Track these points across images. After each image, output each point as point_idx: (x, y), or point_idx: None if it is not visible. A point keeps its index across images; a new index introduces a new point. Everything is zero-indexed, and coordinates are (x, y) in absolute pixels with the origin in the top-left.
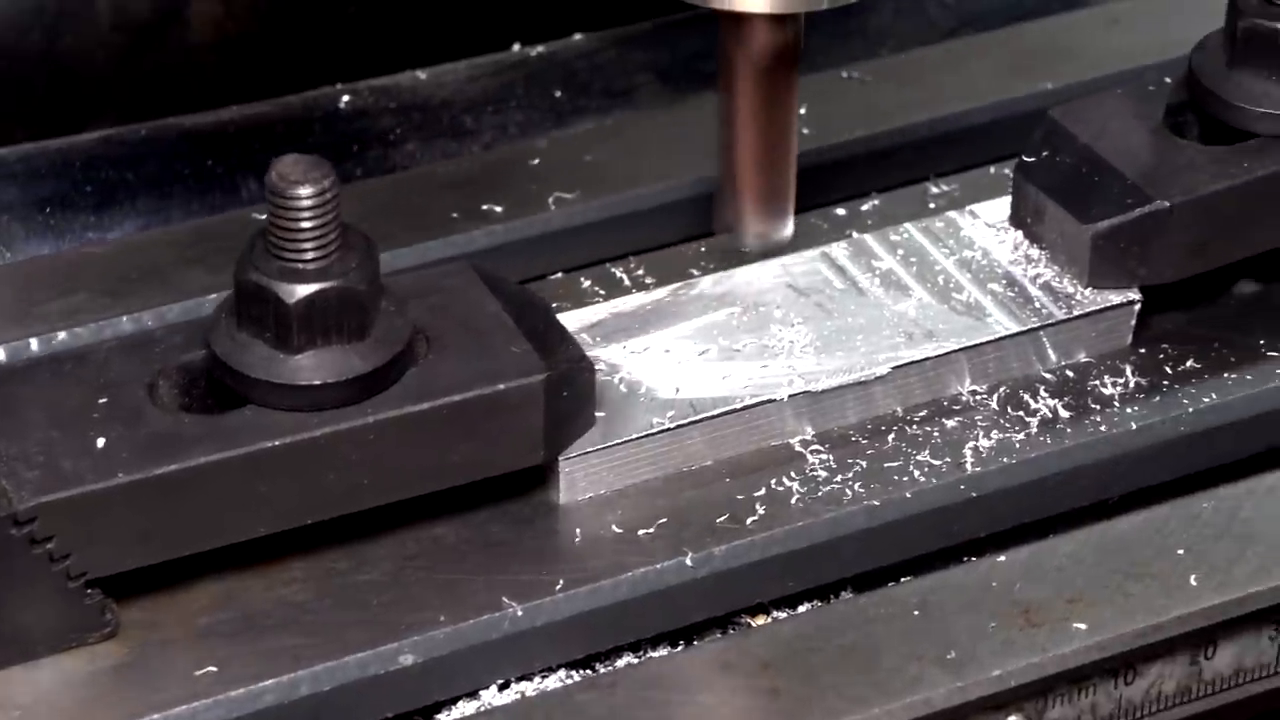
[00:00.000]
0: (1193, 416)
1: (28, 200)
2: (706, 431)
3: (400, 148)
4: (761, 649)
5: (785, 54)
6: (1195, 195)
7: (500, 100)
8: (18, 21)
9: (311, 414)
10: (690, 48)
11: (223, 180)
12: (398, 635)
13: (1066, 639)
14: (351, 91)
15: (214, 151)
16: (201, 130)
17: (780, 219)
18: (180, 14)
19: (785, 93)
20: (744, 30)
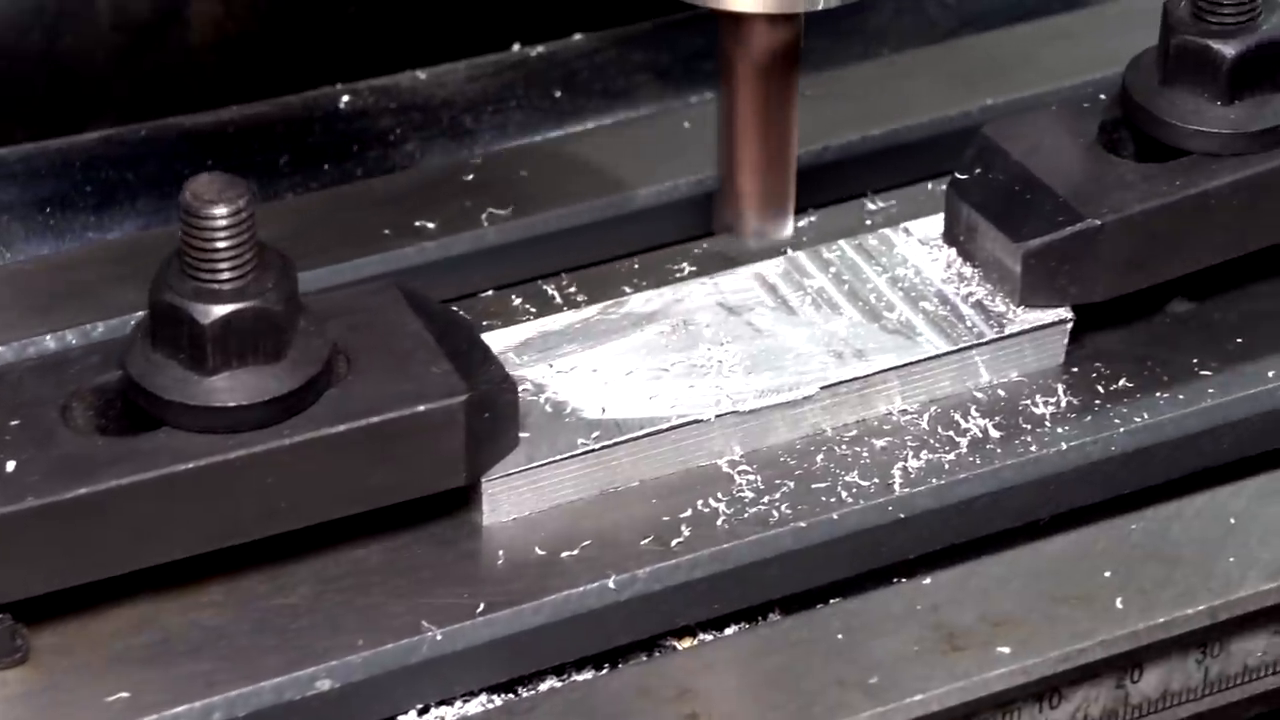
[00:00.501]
0: (1124, 437)
1: (27, 200)
2: (632, 452)
3: (400, 148)
4: (682, 673)
5: (785, 54)
6: (1126, 213)
7: (500, 100)
8: (18, 21)
9: (227, 436)
10: (690, 47)
11: None
12: (315, 660)
13: (990, 663)
14: (351, 91)
15: (214, 151)
16: (201, 130)
17: (780, 219)
18: (180, 14)
19: (785, 93)
20: (744, 30)
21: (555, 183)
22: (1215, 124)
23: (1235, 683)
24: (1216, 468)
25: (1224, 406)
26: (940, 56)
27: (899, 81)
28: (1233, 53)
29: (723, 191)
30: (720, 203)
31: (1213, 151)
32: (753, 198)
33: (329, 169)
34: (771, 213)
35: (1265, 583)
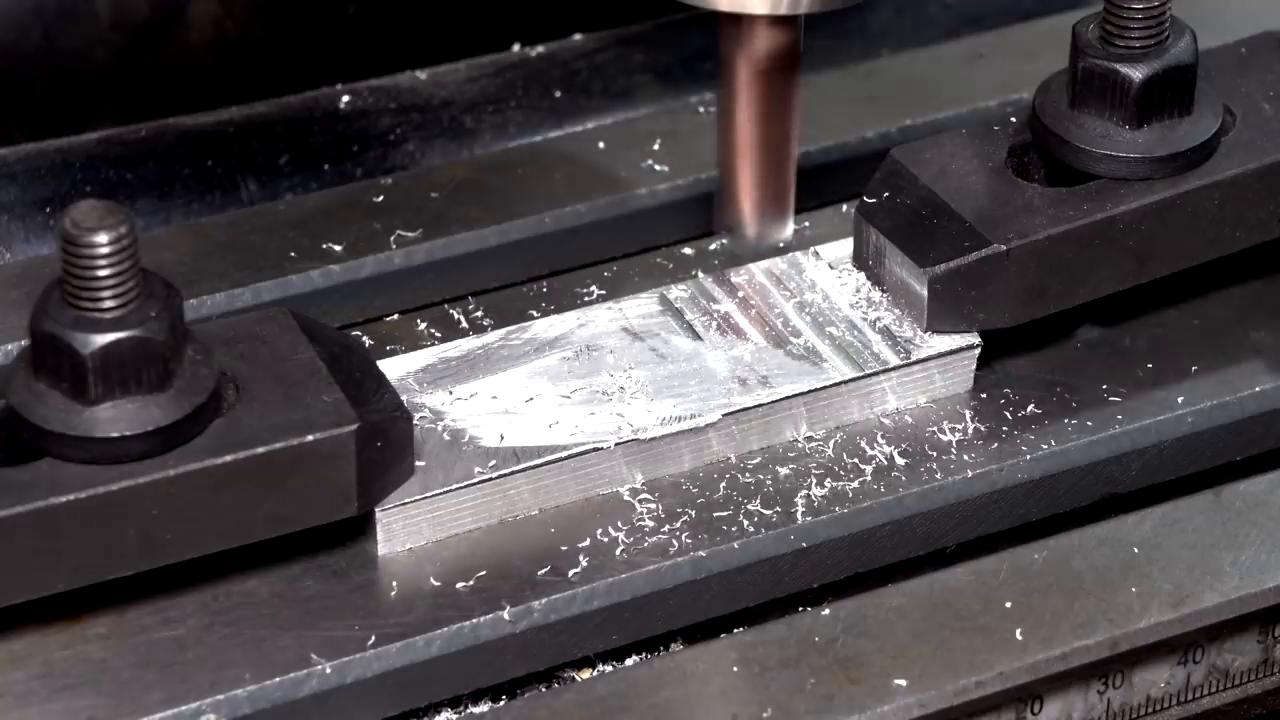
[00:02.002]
0: (1031, 464)
1: (28, 201)
2: (531, 480)
3: (400, 148)
4: (574, 710)
5: (785, 55)
6: (1033, 238)
7: (499, 100)
8: (18, 21)
9: (110, 467)
10: (690, 47)
11: (222, 180)
12: (200, 694)
13: (886, 696)
14: (351, 91)
15: (214, 152)
16: (201, 130)
17: (780, 219)
18: (180, 14)
19: (785, 93)
20: (744, 31)
21: (465, 205)
22: (1123, 148)
23: (1138, 714)
24: (1125, 495)
25: (1132, 433)
26: (857, 76)
27: (816, 103)
28: (1140, 77)
29: (723, 192)
30: (720, 203)
31: (1121, 176)
32: (752, 198)
33: (329, 169)
34: (771, 213)
35: (1167, 613)
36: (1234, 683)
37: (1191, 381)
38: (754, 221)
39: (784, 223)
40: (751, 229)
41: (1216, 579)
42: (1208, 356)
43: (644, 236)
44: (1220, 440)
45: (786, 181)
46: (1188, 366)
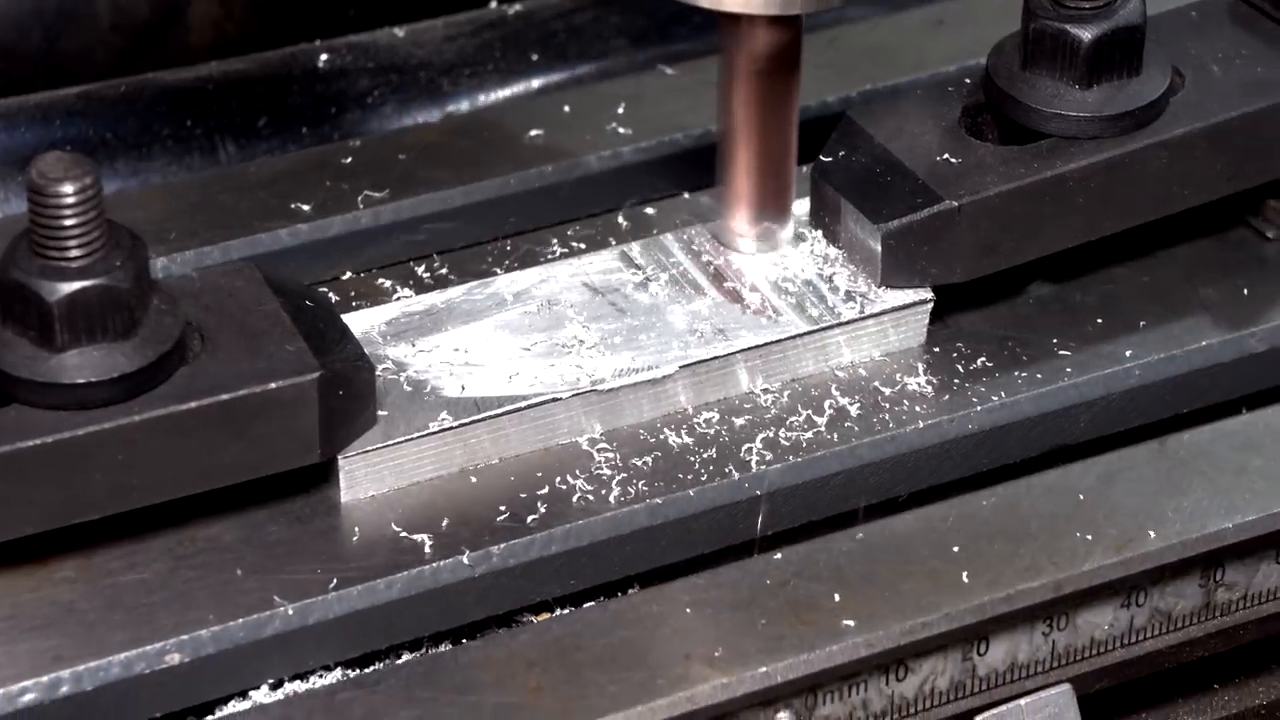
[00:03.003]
0: (981, 415)
1: (7, 157)
2: (491, 430)
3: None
4: (531, 647)
5: (785, 55)
6: (983, 195)
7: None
8: (18, 22)
9: (77, 413)
10: (667, 11)
11: (201, 143)
12: (164, 635)
13: (835, 636)
14: (330, 49)
15: (193, 113)
16: (181, 87)
17: (780, 220)
18: (180, 16)
19: (785, 93)
20: (744, 31)
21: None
22: (1073, 108)
23: (1083, 655)
24: (1073, 446)
25: (1080, 386)
26: (820, 42)
27: None
28: (1090, 37)
29: (723, 192)
30: (720, 203)
31: (1071, 135)
32: (752, 198)
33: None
34: (771, 213)
35: (1110, 557)
36: (1176, 626)
37: (1139, 336)
38: (753, 222)
39: (784, 223)
40: (751, 229)
41: (1159, 524)
42: (1156, 312)
43: (606, 197)
44: (1167, 393)
45: (786, 182)
46: (1136, 322)
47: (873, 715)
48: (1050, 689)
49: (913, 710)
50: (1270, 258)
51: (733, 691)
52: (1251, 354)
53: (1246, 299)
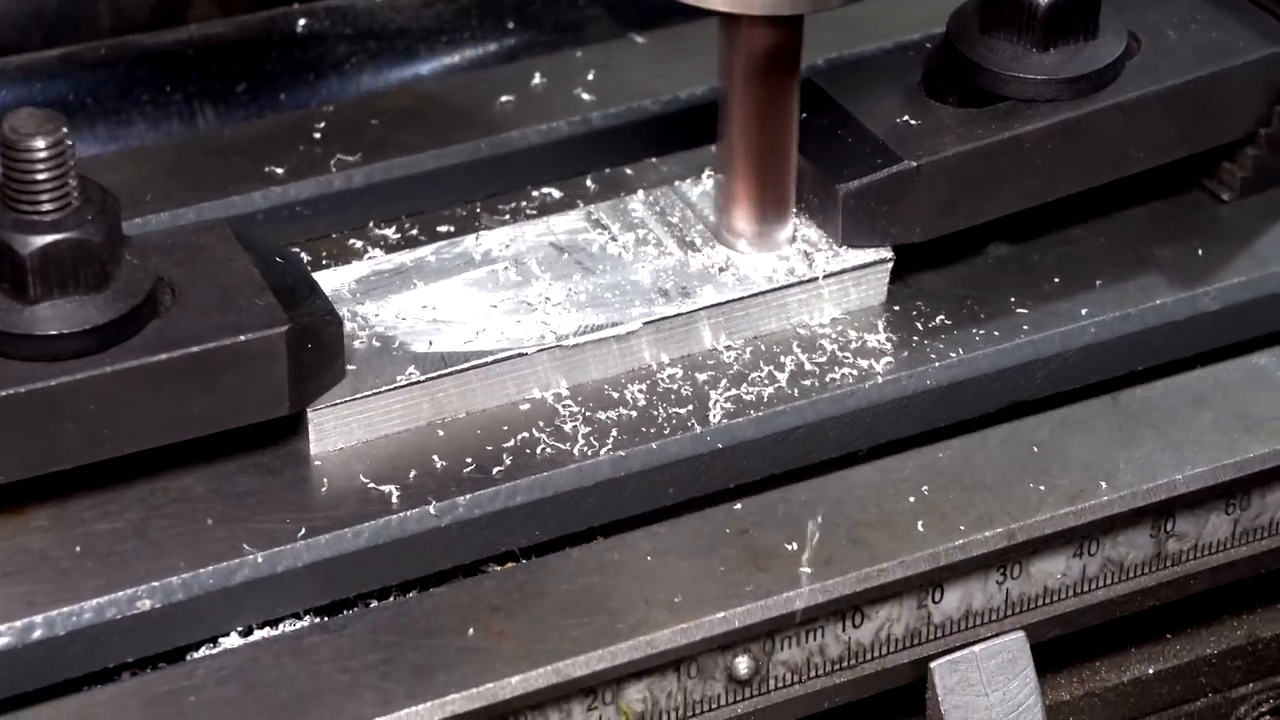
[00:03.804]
0: (939, 371)
1: None
2: (458, 384)
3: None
4: (493, 594)
5: (785, 55)
6: (942, 155)
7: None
8: (18, 24)
9: (50, 364)
10: None
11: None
12: (136, 581)
13: (792, 583)
14: (308, 13)
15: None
16: (161, 50)
17: (780, 220)
18: (180, 17)
19: (785, 93)
20: (744, 31)
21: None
22: (1030, 70)
23: (1036, 604)
24: (1030, 402)
25: (1036, 343)
26: None
27: None
28: (1046, 1)
29: (723, 192)
30: (721, 202)
31: (1028, 97)
32: (752, 198)
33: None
34: (772, 213)
35: (1063, 507)
36: (1127, 575)
37: (1095, 295)
38: (753, 221)
39: (784, 223)
40: (751, 229)
41: (1111, 476)
42: (1111, 272)
43: (576, 162)
44: (1122, 350)
45: (786, 182)
46: (1092, 281)
47: (830, 661)
48: (1004, 636)
49: (869, 656)
50: (1224, 219)
51: (691, 636)
52: (1205, 312)
53: (1201, 259)
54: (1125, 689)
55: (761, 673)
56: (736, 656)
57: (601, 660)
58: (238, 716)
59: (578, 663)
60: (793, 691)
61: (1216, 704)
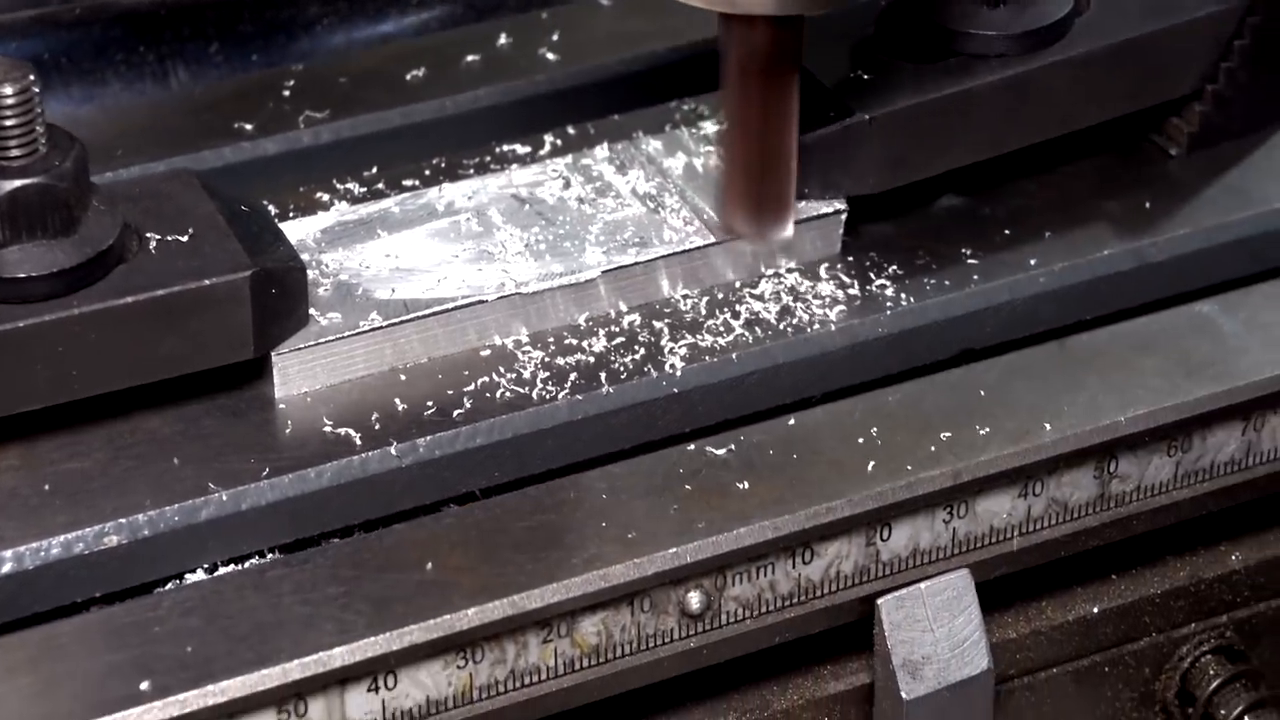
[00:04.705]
0: (891, 319)
1: None
2: (419, 330)
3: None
4: (452, 530)
5: (785, 54)
6: (894, 109)
7: None
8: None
9: (17, 306)
10: None
11: (154, 68)
12: (103, 518)
13: (743, 520)
14: None
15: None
16: (136, 10)
17: (780, 219)
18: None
19: (785, 93)
20: (744, 31)
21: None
22: (981, 26)
23: (982, 543)
24: (979, 350)
25: (986, 292)
26: None
27: None
28: None
29: (723, 190)
30: (721, 201)
31: (979, 53)
32: (751, 198)
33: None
34: (771, 213)
35: (1008, 447)
36: (1072, 516)
37: (1044, 245)
38: (753, 221)
39: (784, 222)
40: (750, 228)
41: (1055, 418)
42: (1060, 223)
43: (539, 120)
44: (1069, 299)
45: (786, 181)
46: (1042, 232)
47: (780, 597)
48: (949, 574)
49: (819, 593)
50: (1171, 174)
51: (644, 570)
52: (1150, 262)
53: (1147, 212)
54: (1070, 627)
55: (713, 608)
56: (689, 591)
57: (556, 593)
58: (201, 646)
59: (532, 595)
60: (744, 626)
61: (1159, 643)
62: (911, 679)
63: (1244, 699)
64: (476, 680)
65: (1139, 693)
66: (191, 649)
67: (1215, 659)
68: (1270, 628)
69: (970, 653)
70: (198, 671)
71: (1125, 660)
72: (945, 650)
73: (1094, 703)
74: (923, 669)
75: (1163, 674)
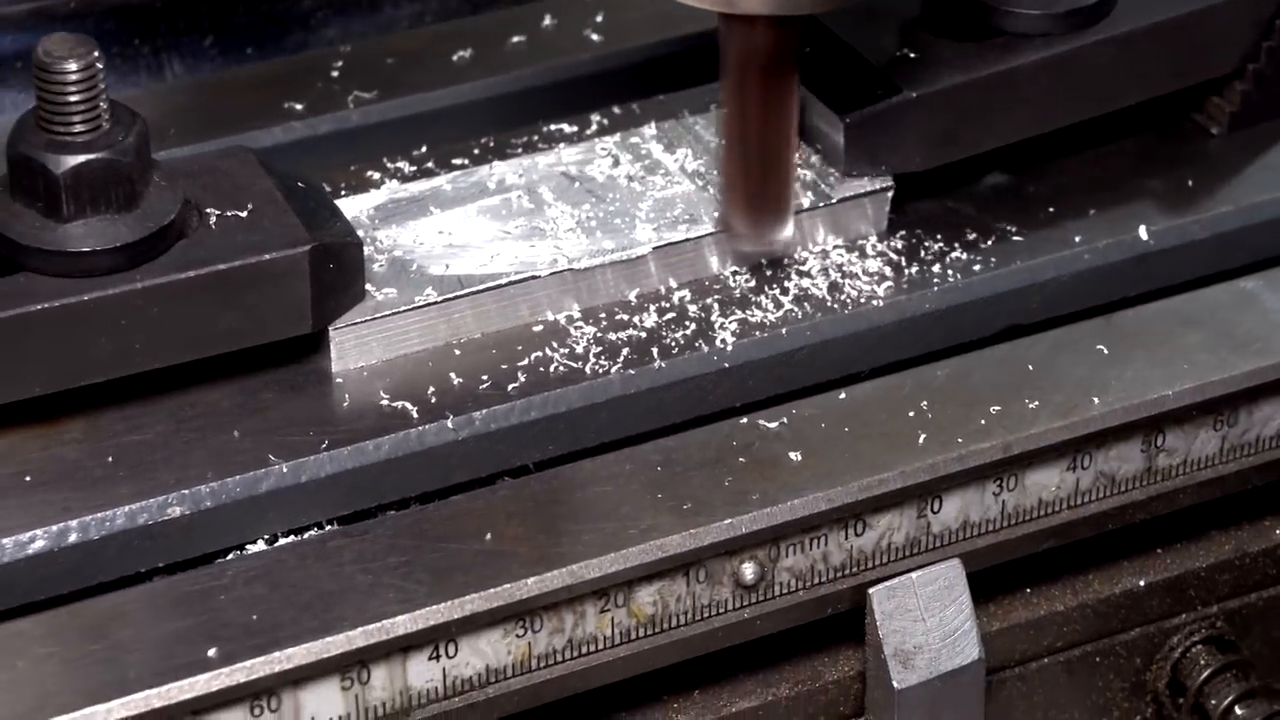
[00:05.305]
0: (937, 295)
1: None
2: (473, 306)
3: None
4: (509, 502)
5: (785, 54)
6: (939, 87)
7: None
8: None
9: (82, 280)
10: None
11: (149, 61)
12: (166, 490)
13: (797, 491)
14: None
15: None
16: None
17: (779, 219)
18: None
19: (785, 93)
20: (744, 31)
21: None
22: (1025, 5)
23: (1031, 516)
24: (1025, 326)
25: (1032, 268)
26: None
27: None
28: None
29: (722, 190)
30: (720, 201)
31: (1024, 32)
32: (751, 198)
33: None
34: (770, 213)
35: (1056, 421)
36: (1119, 489)
37: (1088, 223)
38: (752, 221)
39: (783, 223)
40: (750, 228)
41: (1103, 392)
42: (1104, 202)
43: (587, 100)
44: (1114, 276)
45: (786, 182)
46: (1086, 210)
47: (832, 568)
48: (940, 564)
49: (870, 564)
50: (1212, 152)
51: (700, 541)
52: (1194, 240)
53: (1190, 190)
54: (1117, 600)
55: (767, 578)
56: (743, 563)
57: (614, 563)
58: (266, 613)
59: (590, 565)
60: (797, 597)
61: (1150, 634)
62: (903, 668)
63: (1234, 689)
64: (535, 649)
65: (1130, 683)
66: (256, 616)
67: (1206, 649)
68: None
69: (961, 642)
70: (264, 639)
71: (1116, 650)
72: (936, 640)
73: (1085, 693)
74: (914, 659)
75: (1154, 664)
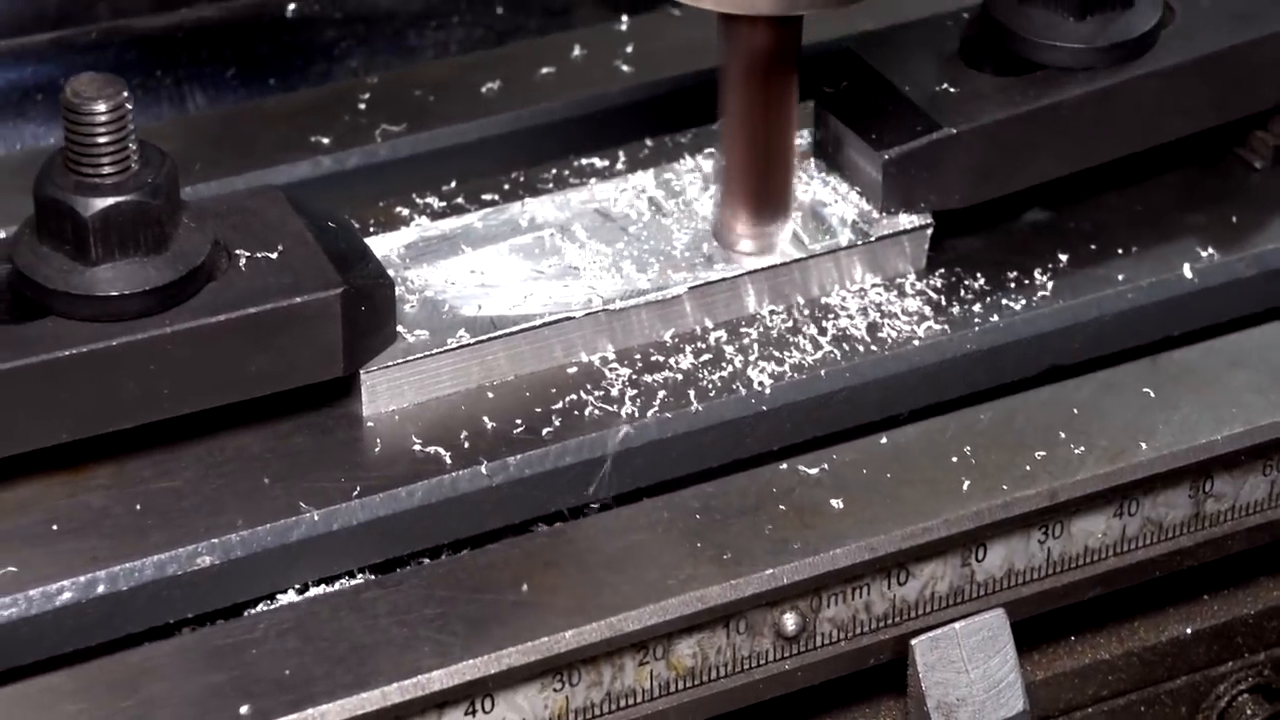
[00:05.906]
0: (978, 335)
1: None
2: (506, 347)
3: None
4: (545, 551)
5: (785, 55)
6: (980, 123)
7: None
8: (19, 26)
9: (111, 324)
10: None
11: (170, 92)
12: (196, 538)
13: (839, 540)
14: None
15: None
16: (151, 35)
17: (780, 220)
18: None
19: (784, 94)
20: (744, 31)
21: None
22: (1067, 39)
23: (1077, 563)
24: (1068, 366)
25: (1074, 308)
26: None
27: None
28: None
29: (722, 191)
30: (718, 203)
31: (1065, 66)
32: (749, 199)
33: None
34: (769, 214)
35: (1104, 466)
36: (1167, 535)
37: (1131, 260)
38: (750, 222)
39: (782, 223)
40: (748, 230)
41: (1150, 436)
42: (1147, 238)
43: (618, 132)
44: (1157, 315)
45: (785, 183)
46: (1128, 246)
47: (875, 618)
48: (985, 613)
49: (914, 614)
50: (1256, 187)
51: (741, 592)
52: (1239, 278)
53: (1234, 225)
54: (1163, 649)
55: (808, 629)
56: (784, 613)
57: (653, 615)
58: (299, 668)
59: (629, 617)
60: (839, 648)
61: (1196, 682)
62: None
63: None
64: (573, 703)
65: None
66: (290, 671)
67: (1252, 698)
68: None
69: (1006, 694)
70: (298, 694)
71: (1161, 699)
72: (980, 692)
73: None
74: (958, 711)
75: (1200, 713)
